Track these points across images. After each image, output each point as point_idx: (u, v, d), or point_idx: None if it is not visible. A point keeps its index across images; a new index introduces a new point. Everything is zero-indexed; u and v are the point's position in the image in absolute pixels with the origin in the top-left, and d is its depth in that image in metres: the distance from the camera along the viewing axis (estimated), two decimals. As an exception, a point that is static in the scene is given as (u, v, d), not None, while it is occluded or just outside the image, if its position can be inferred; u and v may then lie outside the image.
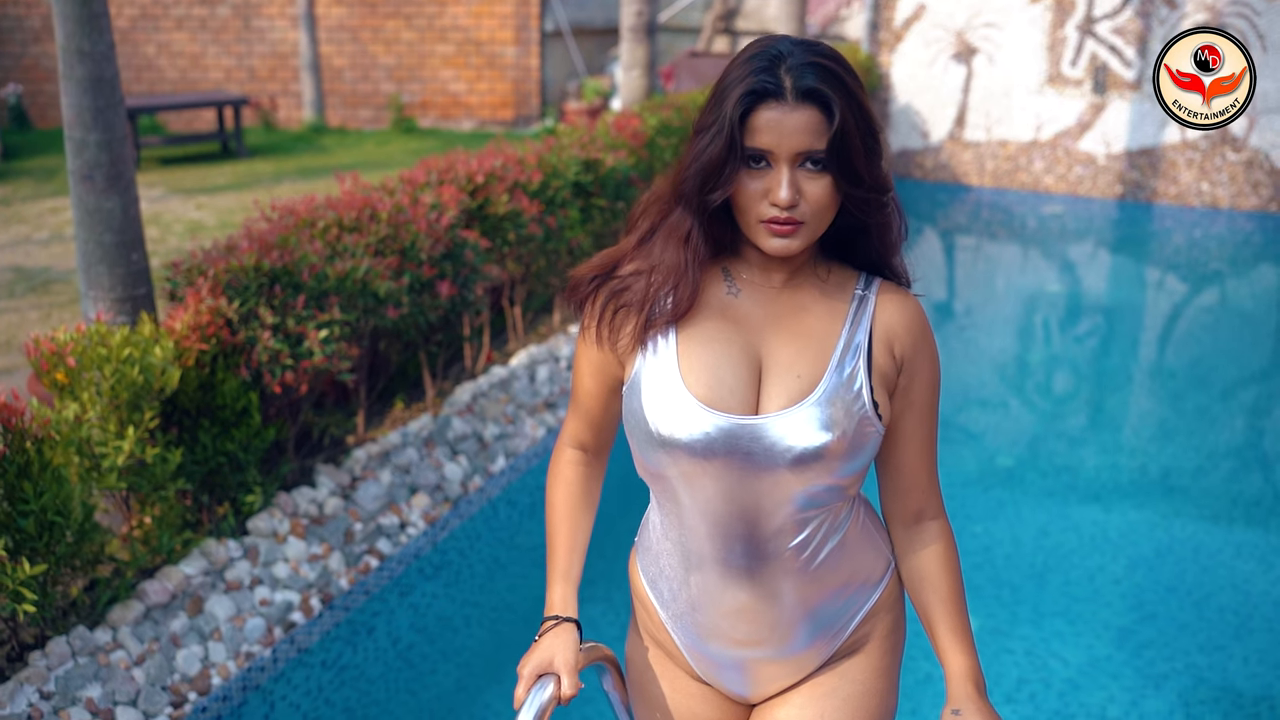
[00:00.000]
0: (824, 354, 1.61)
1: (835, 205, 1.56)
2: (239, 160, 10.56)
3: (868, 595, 1.72)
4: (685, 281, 1.61)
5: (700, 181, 1.55)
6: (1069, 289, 8.92)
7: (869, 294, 1.66)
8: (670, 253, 1.62)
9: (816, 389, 1.58)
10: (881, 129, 1.59)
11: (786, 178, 1.50)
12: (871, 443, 1.61)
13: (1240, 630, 3.93)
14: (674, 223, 1.62)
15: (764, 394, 1.60)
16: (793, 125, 1.49)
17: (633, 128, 6.20)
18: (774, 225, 1.53)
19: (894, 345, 1.64)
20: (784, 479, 1.58)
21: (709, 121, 1.54)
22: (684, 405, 1.58)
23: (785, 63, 1.50)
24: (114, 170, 3.47)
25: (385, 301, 3.92)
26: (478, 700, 3.62)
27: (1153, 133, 10.55)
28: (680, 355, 1.61)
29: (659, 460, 1.61)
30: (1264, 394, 6.66)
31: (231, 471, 3.64)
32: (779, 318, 1.64)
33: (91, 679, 2.98)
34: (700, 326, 1.63)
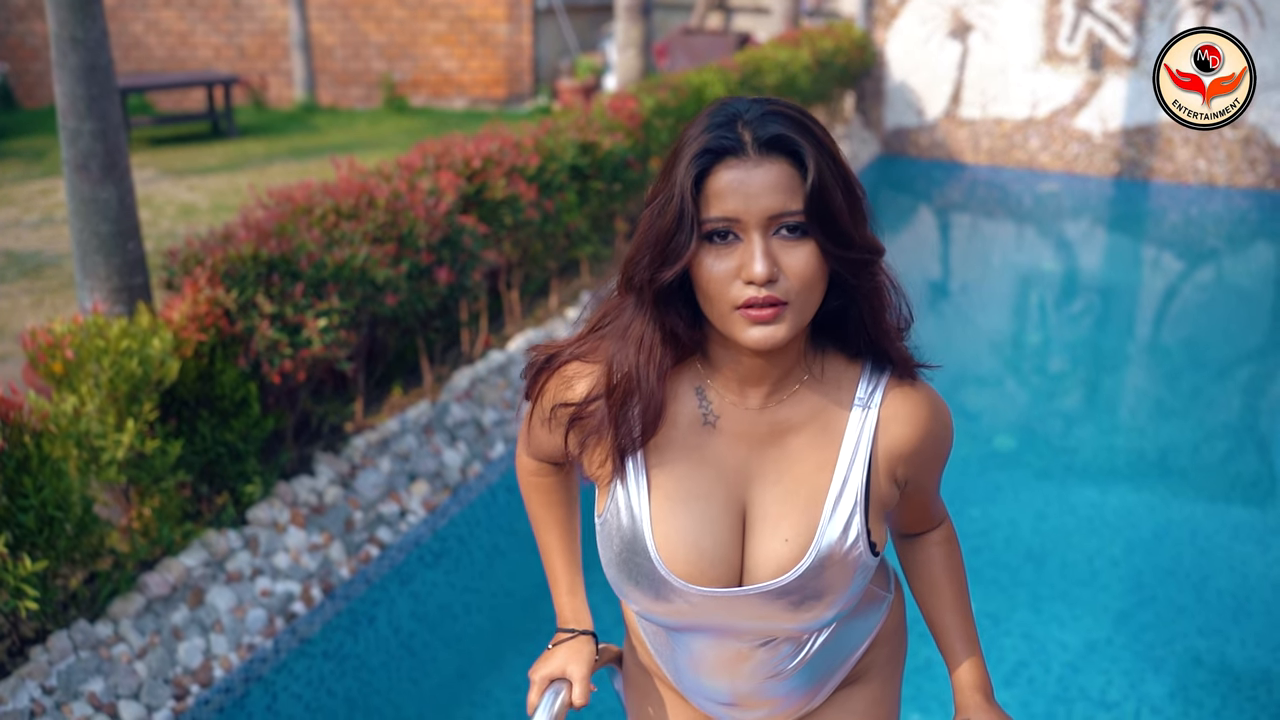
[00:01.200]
0: (815, 505, 1.39)
1: (823, 278, 1.30)
2: (230, 140, 10.49)
3: (865, 635, 1.62)
4: (648, 405, 1.37)
5: (649, 260, 1.31)
6: (1065, 268, 8.91)
7: (871, 406, 1.41)
8: (627, 363, 1.37)
9: (807, 555, 1.38)
10: (862, 186, 1.34)
11: (760, 248, 1.25)
12: (865, 567, 1.43)
13: (1238, 613, 3.95)
14: (625, 322, 1.37)
15: (749, 557, 1.41)
16: (760, 184, 1.26)
17: (629, 109, 6.17)
18: (751, 311, 1.26)
19: (897, 470, 1.43)
20: (770, 627, 1.45)
21: (659, 191, 1.31)
22: (660, 581, 1.40)
23: (743, 118, 1.29)
24: (109, 160, 3.44)
25: (384, 289, 3.89)
26: (478, 688, 3.62)
27: (1149, 110, 10.53)
28: (654, 520, 1.40)
29: (633, 601, 1.46)
30: (1261, 373, 6.68)
31: (231, 462, 3.62)
32: (764, 452, 1.41)
33: (93, 673, 2.97)
34: (674, 475, 1.40)
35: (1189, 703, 3.46)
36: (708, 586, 1.39)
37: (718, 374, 1.40)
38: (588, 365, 1.42)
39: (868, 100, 11.67)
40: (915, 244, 9.78)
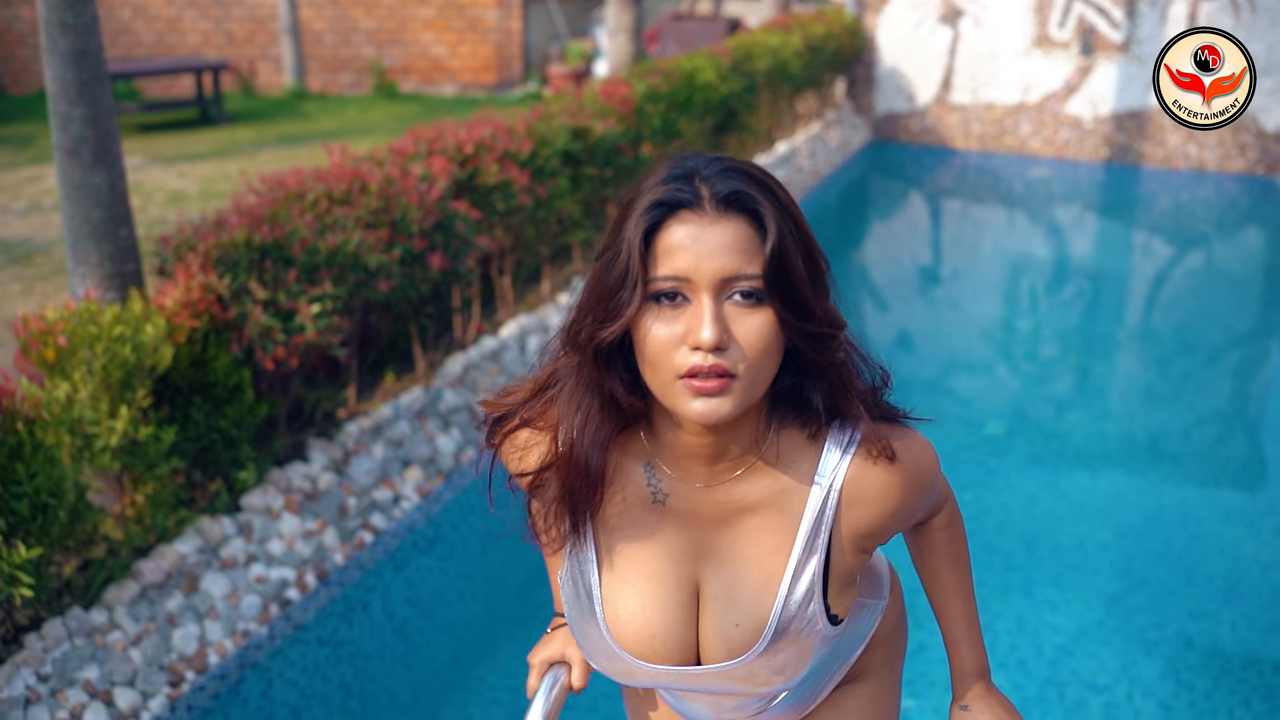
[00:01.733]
0: (768, 590, 1.31)
1: (778, 351, 1.20)
2: (219, 127, 10.44)
3: (858, 643, 1.56)
4: (588, 480, 1.28)
5: (590, 318, 1.21)
6: (1056, 253, 8.93)
7: (832, 488, 1.29)
8: (570, 434, 1.28)
9: (760, 640, 1.32)
10: (825, 257, 1.24)
11: (710, 311, 1.14)
12: (826, 638, 1.37)
13: (1229, 595, 3.97)
14: (572, 388, 1.28)
15: (703, 637, 1.35)
16: (714, 242, 1.16)
17: (621, 94, 6.16)
18: (695, 381, 1.16)
19: (865, 543, 1.34)
20: (735, 690, 1.40)
21: (608, 245, 1.21)
22: (614, 654, 1.37)
23: (701, 173, 1.19)
24: (100, 145, 3.42)
25: (376, 275, 3.89)
26: (472, 674, 3.62)
27: (1140, 95, 10.54)
28: (604, 599, 1.35)
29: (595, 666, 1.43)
30: (1250, 358, 6.70)
31: (224, 448, 3.61)
32: (717, 531, 1.32)
33: (88, 660, 2.97)
34: (624, 554, 1.34)
35: (1180, 684, 3.48)
36: (661, 664, 1.35)
37: (663, 449, 1.30)
38: (539, 433, 1.34)
39: (858, 86, 11.66)
40: (906, 230, 9.79)
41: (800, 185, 9.27)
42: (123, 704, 2.92)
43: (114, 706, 2.91)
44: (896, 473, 1.29)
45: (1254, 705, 3.40)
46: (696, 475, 1.30)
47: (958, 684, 1.56)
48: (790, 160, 9.33)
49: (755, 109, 8.59)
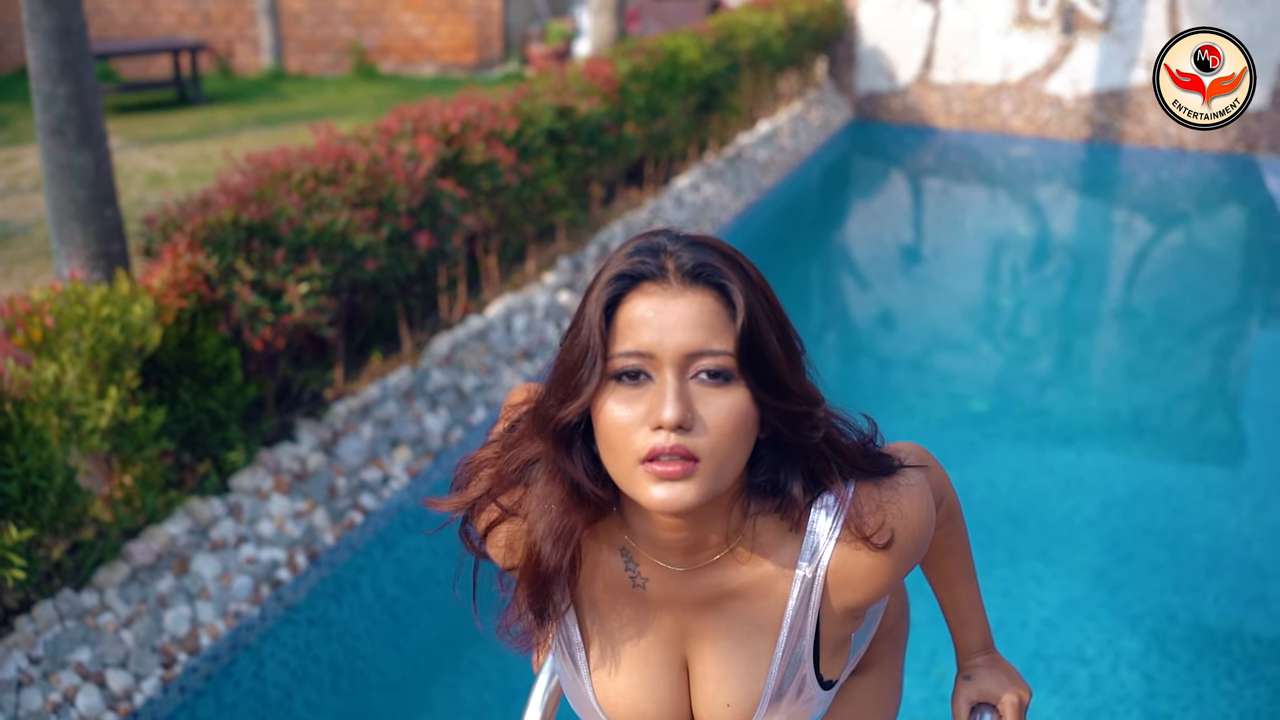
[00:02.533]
0: (758, 671, 1.27)
1: (749, 436, 1.14)
2: (197, 108, 10.35)
3: (861, 642, 1.50)
4: (555, 580, 1.22)
5: (552, 399, 1.16)
6: (1037, 231, 8.97)
7: (817, 573, 1.23)
8: (536, 530, 1.21)
9: (753, 717, 1.30)
10: (798, 336, 1.19)
11: (673, 388, 1.08)
12: (830, 698, 1.35)
13: (1212, 569, 4.01)
14: (540, 477, 1.22)
15: (697, 712, 1.32)
16: (679, 316, 1.10)
17: (605, 74, 6.14)
18: (656, 465, 1.09)
19: (856, 613, 1.29)
20: None
21: (573, 323, 1.16)
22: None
23: (666, 248, 1.14)
24: (85, 124, 3.39)
25: (364, 254, 3.87)
26: (462, 654, 3.63)
27: (1120, 74, 10.57)
28: (594, 679, 1.32)
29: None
30: (1230, 335, 6.75)
31: (213, 429, 3.60)
32: (702, 612, 1.27)
33: (80, 642, 2.96)
34: (610, 638, 1.29)
35: (1165, 657, 3.52)
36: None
37: (637, 536, 1.24)
38: (516, 526, 1.26)
39: (840, 65, 11.66)
40: (888, 209, 9.81)
41: (782, 165, 9.27)
42: (115, 686, 2.92)
43: (107, 688, 2.91)
44: (885, 553, 1.22)
45: (1237, 676, 3.44)
46: (673, 562, 1.23)
47: (962, 659, 1.57)
48: (772, 140, 9.32)
49: (738, 88, 8.58)
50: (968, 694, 1.54)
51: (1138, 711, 3.29)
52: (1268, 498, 4.55)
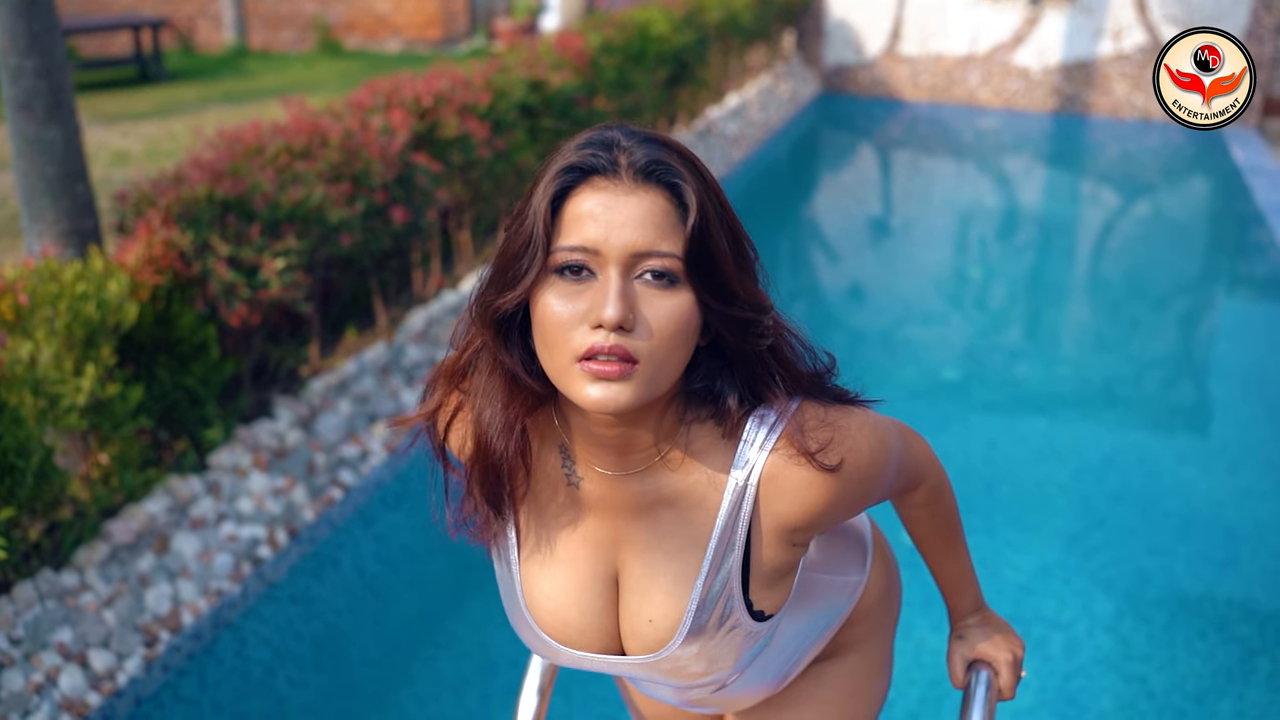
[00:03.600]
0: (682, 587, 1.24)
1: (689, 340, 1.11)
2: (159, 85, 10.23)
3: (832, 620, 1.49)
4: (499, 466, 1.20)
5: (490, 287, 1.13)
6: (1006, 203, 9.02)
7: (749, 482, 1.20)
8: (481, 419, 1.19)
9: (675, 637, 1.25)
10: (751, 242, 1.17)
11: (615, 287, 1.06)
12: (752, 634, 1.29)
13: (1184, 532, 4.07)
14: (482, 368, 1.20)
15: (623, 625, 1.29)
16: (627, 214, 1.07)
17: (576, 47, 6.11)
18: (593, 364, 1.06)
19: (795, 536, 1.24)
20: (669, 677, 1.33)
21: (518, 210, 1.13)
22: (538, 637, 1.32)
23: (620, 143, 1.11)
24: (54, 99, 3.35)
25: (339, 229, 3.84)
26: (441, 628, 3.63)
27: (1087, 45, 10.62)
28: (524, 579, 1.30)
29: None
30: (1198, 303, 6.83)
31: (190, 407, 3.57)
32: (633, 519, 1.25)
33: (61, 622, 2.93)
34: (543, 537, 1.27)
35: (1139, 619, 3.57)
36: (582, 651, 1.30)
37: (572, 432, 1.22)
38: (469, 416, 1.25)
39: (807, 38, 11.65)
40: (857, 181, 9.83)
41: (751, 138, 9.27)
42: (98, 665, 2.90)
43: (89, 668, 2.89)
44: (824, 473, 1.18)
45: (1209, 637, 3.49)
46: (606, 464, 1.21)
47: (956, 620, 1.60)
48: (741, 113, 9.31)
49: (707, 62, 8.56)
50: (962, 652, 1.56)
51: (1113, 673, 3.34)
52: (1238, 462, 4.61)
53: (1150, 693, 3.25)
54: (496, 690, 3.32)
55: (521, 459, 1.21)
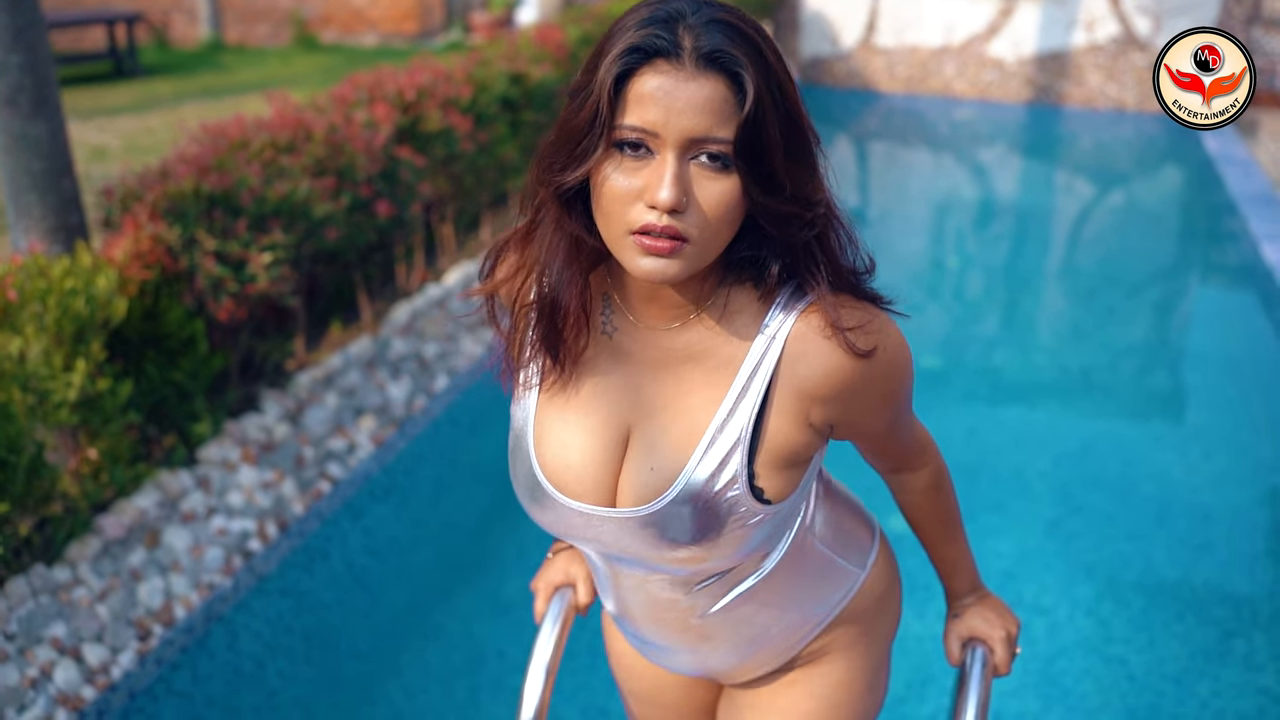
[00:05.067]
0: (691, 439, 1.25)
1: (737, 221, 1.15)
2: (135, 80, 10.17)
3: (820, 609, 1.48)
4: (563, 317, 1.26)
5: (554, 162, 1.17)
6: (982, 193, 9.08)
7: (776, 339, 1.22)
8: (545, 276, 1.25)
9: (671, 488, 1.25)
10: (814, 131, 1.19)
11: (672, 170, 1.09)
12: (769, 522, 1.28)
13: (1161, 517, 4.13)
14: (544, 227, 1.25)
15: (621, 481, 1.29)
16: (688, 98, 1.09)
17: (556, 40, 6.13)
18: (646, 239, 1.11)
19: (811, 412, 1.25)
20: (656, 560, 1.31)
21: (580, 86, 1.15)
22: (535, 484, 1.32)
23: (686, 20, 1.11)
24: (39, 94, 3.34)
25: (325, 223, 3.86)
26: (428, 620, 3.66)
27: (1061, 36, 10.70)
28: (536, 419, 1.32)
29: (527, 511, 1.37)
30: (1172, 291, 6.91)
31: (178, 401, 3.58)
32: (656, 376, 1.27)
33: (54, 617, 2.95)
34: (567, 378, 1.30)
35: (1118, 603, 3.62)
36: (575, 500, 1.29)
37: (618, 283, 1.28)
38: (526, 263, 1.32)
39: (783, 30, 11.69)
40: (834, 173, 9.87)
41: (730, 130, 9.28)
42: (92, 660, 2.91)
43: (83, 662, 2.90)
44: (849, 348, 1.20)
45: (1186, 619, 3.55)
46: (643, 316, 1.26)
47: (952, 601, 1.63)
48: (720, 105, 9.32)
49: (685, 54, 8.57)
50: (958, 631, 1.60)
51: (1094, 656, 3.39)
52: (1213, 448, 4.68)
53: (1130, 674, 3.31)
54: (485, 681, 3.34)
55: (584, 312, 1.26)
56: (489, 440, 4.62)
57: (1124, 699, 3.22)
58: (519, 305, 1.30)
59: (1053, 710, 3.19)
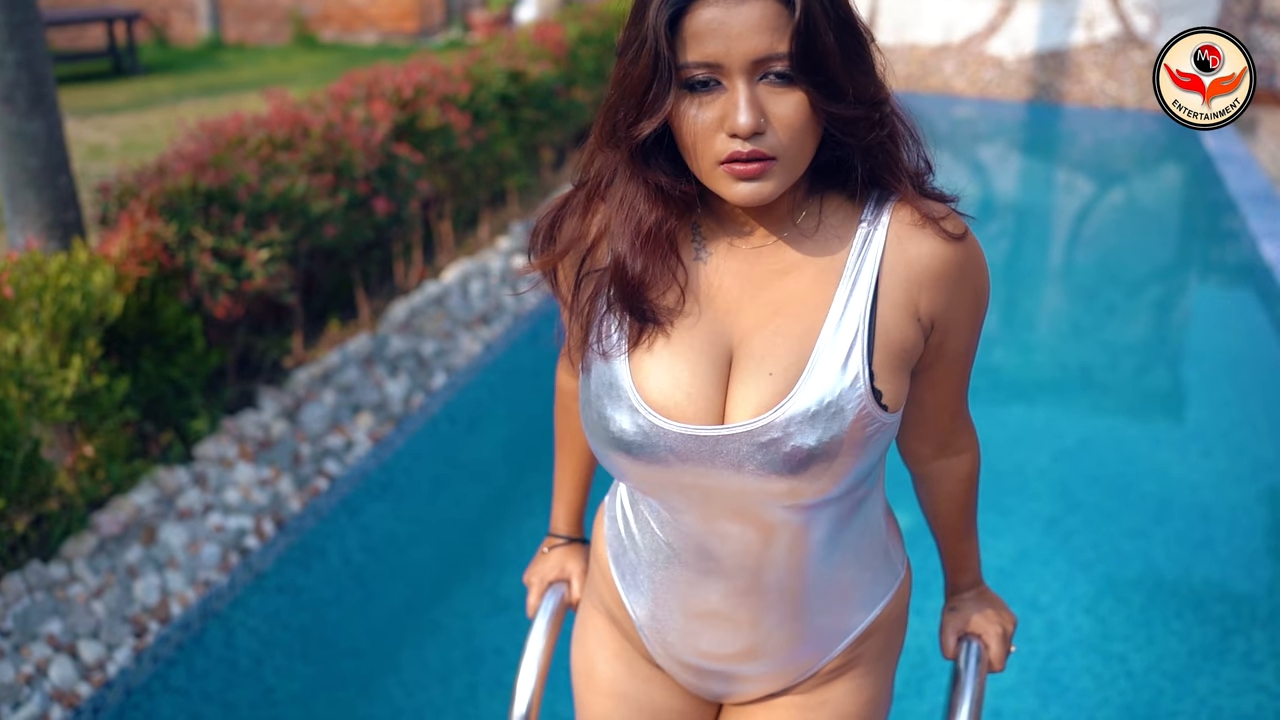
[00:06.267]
0: (808, 338, 1.22)
1: (816, 131, 1.16)
2: (134, 79, 10.17)
3: (865, 614, 1.45)
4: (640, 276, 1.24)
5: (624, 114, 1.17)
6: (982, 192, 9.07)
7: (878, 224, 1.24)
8: (618, 239, 1.24)
9: (792, 392, 1.20)
10: (867, 28, 1.19)
11: (744, 97, 1.11)
12: (879, 438, 1.25)
13: (1160, 514, 4.12)
14: (618, 186, 1.25)
15: (732, 395, 1.24)
16: (742, 23, 1.10)
17: (555, 37, 6.12)
18: (736, 165, 1.13)
19: (920, 301, 1.25)
20: (761, 495, 1.25)
21: (631, 38, 1.16)
22: (634, 412, 1.24)
23: None
24: (36, 90, 3.34)
25: (322, 220, 3.85)
26: (426, 617, 3.65)
27: (1060, 34, 10.69)
28: (632, 367, 1.26)
29: (614, 464, 1.29)
30: (1171, 289, 6.90)
31: (175, 398, 3.58)
32: (757, 295, 1.25)
33: (51, 614, 2.94)
34: (652, 330, 1.26)
35: (1117, 600, 3.62)
36: (684, 423, 1.22)
37: (709, 212, 1.28)
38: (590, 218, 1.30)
39: (783, 29, 11.66)
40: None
41: (730, 128, 9.27)
42: (88, 656, 2.91)
43: (79, 659, 2.90)
44: (945, 234, 1.24)
45: (1185, 617, 3.55)
46: (739, 237, 1.26)
47: (950, 595, 1.62)
48: (719, 104, 9.32)
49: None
50: (955, 625, 1.59)
51: (1093, 654, 3.39)
52: (1212, 446, 4.67)
53: (1129, 672, 3.30)
54: (483, 679, 3.34)
55: (678, 258, 1.25)
56: (487, 438, 4.62)
57: (1122, 696, 3.21)
58: (585, 272, 1.29)
59: (1051, 708, 3.18)
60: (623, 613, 1.48)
